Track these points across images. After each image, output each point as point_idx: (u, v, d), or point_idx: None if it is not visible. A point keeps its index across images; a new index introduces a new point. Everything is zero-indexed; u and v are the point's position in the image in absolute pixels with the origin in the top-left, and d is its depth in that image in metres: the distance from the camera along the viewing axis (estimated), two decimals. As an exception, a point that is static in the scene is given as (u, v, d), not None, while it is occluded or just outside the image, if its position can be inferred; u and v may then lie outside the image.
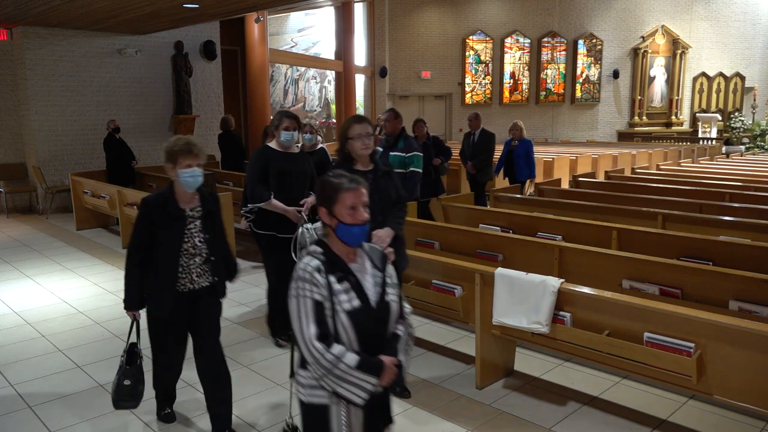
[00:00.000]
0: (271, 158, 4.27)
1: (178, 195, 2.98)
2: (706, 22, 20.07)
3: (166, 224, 2.95)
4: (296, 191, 4.29)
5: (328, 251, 2.02)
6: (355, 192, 2.00)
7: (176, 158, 2.90)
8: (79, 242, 8.23)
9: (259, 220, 4.29)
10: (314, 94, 17.77)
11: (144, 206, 2.99)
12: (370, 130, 3.34)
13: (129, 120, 11.01)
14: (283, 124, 4.23)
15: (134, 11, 8.73)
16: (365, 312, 1.97)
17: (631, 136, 19.27)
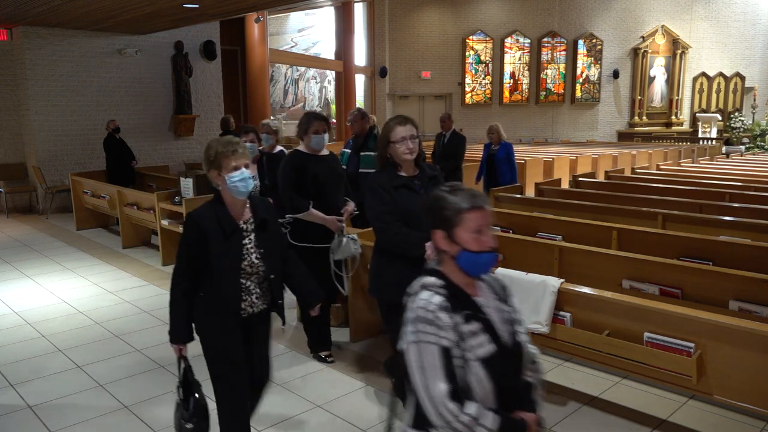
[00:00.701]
0: (303, 163, 3.95)
1: (229, 205, 2.57)
2: (706, 22, 20.08)
3: (221, 242, 2.52)
4: (332, 197, 4.02)
5: (450, 284, 1.67)
6: (482, 212, 1.68)
7: (220, 162, 2.52)
8: (79, 242, 8.23)
9: (296, 231, 3.99)
10: (314, 94, 17.77)
11: (193, 225, 2.55)
12: (414, 132, 3.06)
13: (129, 120, 11.01)
14: (313, 127, 3.95)
15: (134, 11, 8.73)
16: (501, 358, 1.63)
17: (631, 136, 19.27)
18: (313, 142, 3.98)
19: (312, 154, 4.00)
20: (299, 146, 4.05)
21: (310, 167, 3.92)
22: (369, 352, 4.38)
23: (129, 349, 4.52)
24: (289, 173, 3.96)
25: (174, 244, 6.81)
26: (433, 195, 1.75)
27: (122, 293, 5.89)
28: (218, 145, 2.57)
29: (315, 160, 3.97)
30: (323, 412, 3.52)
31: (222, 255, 2.52)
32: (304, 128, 3.98)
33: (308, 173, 3.91)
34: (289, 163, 4.01)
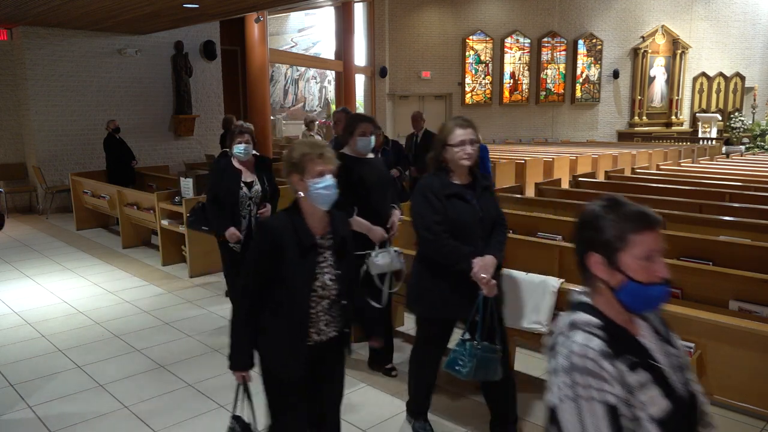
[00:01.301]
0: (349, 166, 3.60)
1: (307, 216, 2.28)
2: (706, 22, 20.08)
3: (296, 258, 2.24)
4: (378, 203, 3.73)
5: (609, 323, 1.37)
6: (654, 234, 1.34)
7: (304, 165, 2.23)
8: (79, 242, 8.23)
9: None
10: (314, 94, 17.78)
11: (267, 234, 2.26)
12: (474, 137, 2.81)
13: (129, 120, 11.01)
14: (359, 129, 3.71)
15: (134, 11, 8.73)
16: (677, 415, 1.37)
17: (631, 136, 19.27)
18: (359, 145, 3.71)
19: (358, 157, 3.74)
20: (345, 149, 3.78)
21: (356, 170, 3.64)
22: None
23: (129, 349, 4.52)
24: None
25: (174, 244, 6.82)
26: (587, 211, 1.41)
27: (122, 293, 5.89)
28: (304, 146, 2.29)
29: (361, 164, 3.71)
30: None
31: (295, 272, 2.24)
32: (349, 130, 3.75)
33: (354, 177, 3.60)
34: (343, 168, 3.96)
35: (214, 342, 4.62)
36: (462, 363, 2.80)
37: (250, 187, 4.40)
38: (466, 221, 2.80)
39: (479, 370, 2.81)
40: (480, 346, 2.80)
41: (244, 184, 4.38)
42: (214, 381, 3.96)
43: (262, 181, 4.48)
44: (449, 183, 2.84)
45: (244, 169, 4.42)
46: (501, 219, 2.98)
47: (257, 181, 4.45)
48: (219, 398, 3.71)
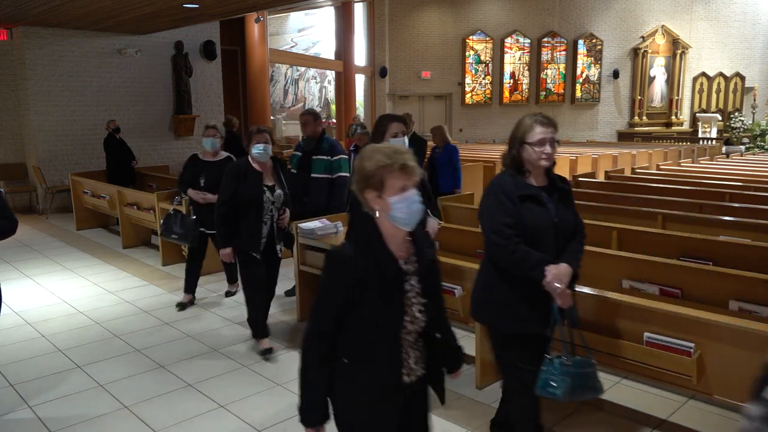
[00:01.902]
0: None
1: (389, 239, 1.90)
2: (706, 22, 20.08)
3: (379, 290, 1.86)
4: None
5: None
6: None
7: (383, 179, 1.84)
8: (79, 242, 8.23)
9: None
10: (314, 94, 17.78)
11: (342, 268, 1.88)
12: (555, 135, 2.58)
13: (129, 120, 11.01)
14: (391, 129, 3.45)
15: (134, 11, 8.73)
16: None
17: (631, 136, 19.27)
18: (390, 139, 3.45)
19: None
20: None
21: None
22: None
23: (129, 349, 4.52)
24: None
25: (174, 244, 6.81)
26: None
27: (122, 293, 5.89)
28: (380, 155, 1.86)
29: None
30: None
31: (380, 308, 1.87)
32: (380, 131, 3.46)
33: None
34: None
35: (214, 342, 4.63)
36: (555, 384, 2.51)
37: (273, 191, 4.19)
38: (540, 227, 2.55)
39: (577, 389, 2.54)
40: (570, 362, 2.54)
41: (266, 188, 4.15)
42: (214, 381, 3.96)
43: (282, 185, 4.28)
44: (524, 184, 2.59)
45: (264, 172, 4.20)
46: (580, 227, 2.71)
47: (278, 185, 4.25)
48: (219, 398, 3.71)
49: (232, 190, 4.09)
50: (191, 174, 5.22)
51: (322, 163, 5.18)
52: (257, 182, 4.12)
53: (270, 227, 4.19)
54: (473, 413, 3.46)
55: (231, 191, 4.10)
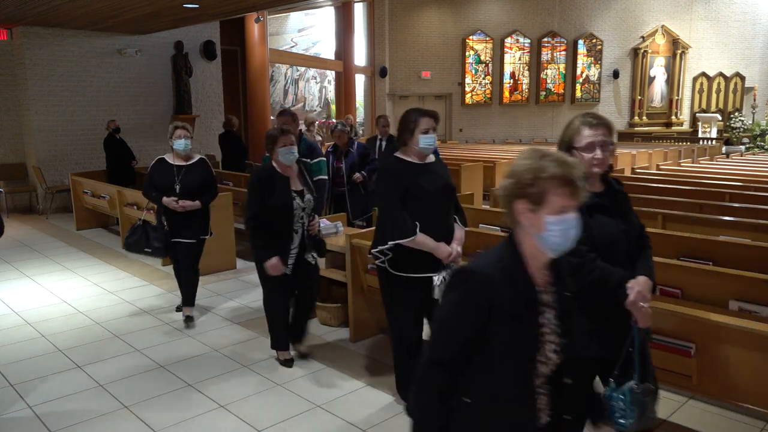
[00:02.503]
0: (407, 174, 3.14)
1: (529, 259, 1.64)
2: (706, 22, 20.08)
3: (513, 318, 1.60)
4: (440, 217, 3.21)
5: None
6: None
7: (544, 193, 1.57)
8: (79, 242, 8.23)
9: (397, 258, 3.19)
10: (314, 94, 17.77)
11: (474, 285, 1.60)
12: (607, 138, 2.34)
13: (129, 120, 11.02)
14: (422, 125, 3.14)
15: (134, 11, 8.73)
16: None
17: (632, 136, 19.26)
18: (422, 143, 3.14)
19: (418, 162, 3.19)
20: (399, 153, 3.24)
21: (415, 179, 3.12)
22: (369, 352, 4.38)
23: (129, 349, 4.52)
24: (393, 188, 3.14)
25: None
26: None
27: (122, 293, 5.89)
28: (551, 162, 1.58)
29: (420, 170, 3.16)
30: (323, 412, 3.52)
31: (512, 340, 1.60)
32: (410, 127, 3.15)
33: (414, 187, 3.10)
34: (391, 174, 3.19)
35: (214, 342, 4.63)
36: (624, 413, 2.22)
37: (302, 196, 3.89)
38: (610, 237, 2.30)
39: (642, 419, 2.30)
40: (640, 389, 2.23)
41: (295, 194, 3.86)
42: (214, 381, 3.96)
43: (310, 188, 4.00)
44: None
45: (290, 176, 3.91)
46: (644, 231, 2.48)
47: (306, 189, 3.95)
48: (219, 398, 3.71)
49: (259, 201, 3.78)
50: (163, 180, 4.75)
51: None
52: (285, 188, 3.83)
53: (301, 236, 3.91)
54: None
55: (259, 202, 3.78)
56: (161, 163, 4.83)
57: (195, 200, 4.74)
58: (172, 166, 4.78)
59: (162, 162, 4.83)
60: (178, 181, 4.71)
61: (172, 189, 4.70)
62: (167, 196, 4.69)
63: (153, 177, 4.79)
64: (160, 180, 4.74)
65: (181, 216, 4.73)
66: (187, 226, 4.78)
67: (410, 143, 3.17)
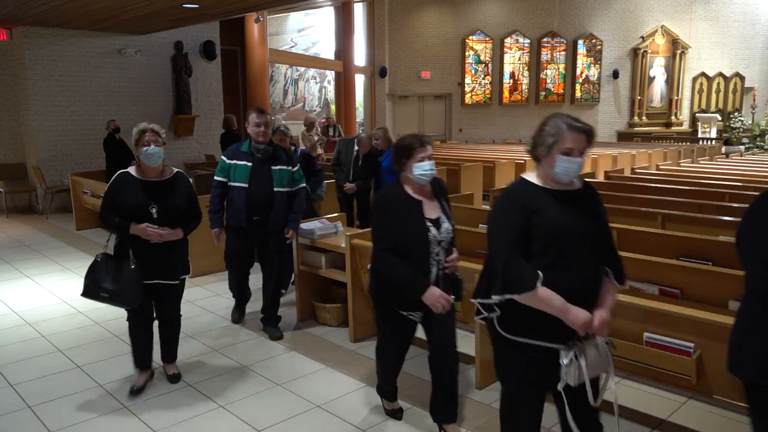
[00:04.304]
0: (535, 200, 2.26)
1: None
2: (705, 23, 20.08)
3: None
4: (582, 265, 2.25)
5: None
6: None
7: None
8: (79, 242, 8.23)
9: (509, 316, 2.29)
10: (314, 94, 17.77)
11: None
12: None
13: (129, 120, 11.00)
14: (566, 140, 2.23)
15: (134, 11, 8.73)
16: None
17: (631, 136, 19.27)
18: (560, 167, 2.24)
19: (552, 188, 2.30)
20: (526, 174, 2.42)
21: (545, 211, 2.23)
22: (369, 352, 4.38)
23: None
24: (510, 218, 2.26)
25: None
26: None
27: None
28: None
29: (555, 198, 2.27)
30: (323, 412, 3.53)
31: None
32: (547, 143, 2.26)
33: (540, 219, 2.22)
34: (510, 199, 2.31)
35: (214, 342, 4.63)
36: None
37: (438, 225, 2.94)
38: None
39: None
40: None
41: (430, 223, 2.93)
42: (214, 381, 3.96)
43: (447, 214, 3.05)
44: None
45: (423, 200, 2.98)
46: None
47: (444, 216, 3.02)
48: (219, 398, 3.72)
49: (392, 230, 2.92)
50: (131, 201, 3.56)
51: (286, 173, 4.50)
52: (417, 216, 2.92)
53: (435, 276, 2.95)
54: (473, 413, 3.46)
55: (392, 231, 2.92)
56: (126, 179, 3.63)
57: (176, 228, 3.66)
58: (143, 183, 3.62)
59: (127, 177, 3.64)
60: (155, 202, 3.59)
61: (145, 213, 3.56)
62: (138, 222, 3.54)
63: (115, 196, 3.59)
64: (127, 201, 3.56)
65: (155, 249, 3.60)
66: (164, 262, 3.67)
67: (544, 162, 2.30)
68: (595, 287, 2.30)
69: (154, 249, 3.60)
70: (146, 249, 3.59)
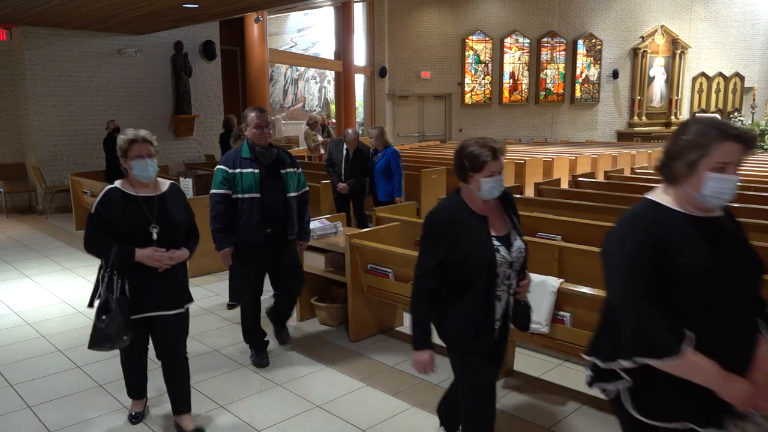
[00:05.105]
0: (670, 230, 1.75)
1: None
2: (705, 23, 20.09)
3: None
4: (733, 317, 1.75)
5: None
6: None
7: None
8: (79, 242, 8.22)
9: (643, 388, 1.78)
10: (314, 94, 17.78)
11: None
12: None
13: (128, 120, 11.01)
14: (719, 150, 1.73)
15: (134, 11, 8.73)
16: None
17: (631, 136, 19.28)
18: (710, 189, 1.74)
19: (693, 214, 1.79)
20: (653, 193, 1.89)
21: (687, 247, 1.72)
22: (368, 352, 4.38)
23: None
24: (636, 259, 1.74)
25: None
26: None
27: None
28: None
29: (698, 229, 1.76)
30: (323, 412, 3.53)
31: None
32: (690, 158, 1.74)
33: (678, 261, 1.70)
34: (635, 231, 1.79)
35: (214, 342, 4.63)
36: None
37: (509, 244, 2.48)
38: None
39: None
40: None
41: (498, 242, 2.44)
42: (214, 381, 3.96)
43: (519, 231, 2.56)
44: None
45: (489, 215, 2.48)
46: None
47: (515, 233, 2.53)
48: (219, 398, 3.72)
49: (439, 252, 2.41)
50: (127, 221, 2.99)
51: (294, 176, 4.11)
52: (483, 234, 2.42)
53: (505, 304, 2.52)
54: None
55: (438, 253, 2.41)
56: (117, 196, 3.03)
57: (180, 247, 3.12)
58: (138, 199, 3.03)
59: (117, 194, 3.04)
60: (156, 221, 3.03)
61: (145, 235, 2.99)
62: (139, 245, 2.96)
63: (104, 217, 2.98)
64: (123, 222, 2.98)
65: (155, 275, 3.02)
66: (166, 289, 3.11)
67: (692, 180, 1.75)
68: (748, 346, 1.76)
69: (151, 275, 3.01)
70: (143, 276, 3.00)
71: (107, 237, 2.97)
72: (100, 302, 2.99)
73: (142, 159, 2.99)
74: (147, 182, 3.08)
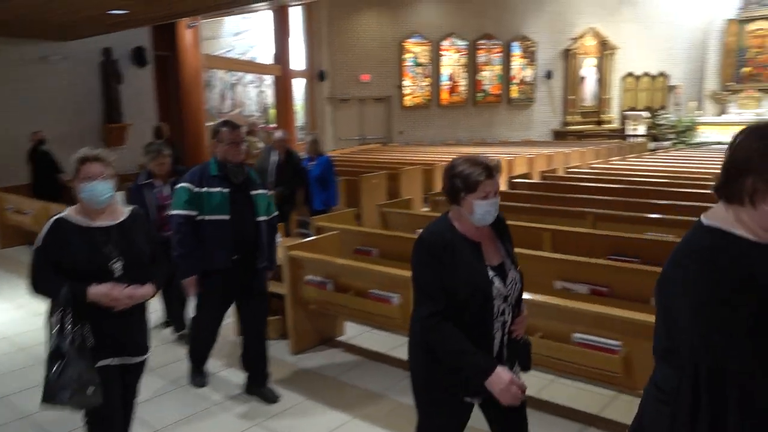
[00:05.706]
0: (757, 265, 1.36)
1: None
2: (632, 24, 20.92)
3: None
4: None
5: None
6: None
7: None
8: (6, 263, 7.82)
9: None
10: (252, 99, 17.51)
11: None
12: None
13: (56, 130, 10.52)
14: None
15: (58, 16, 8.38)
16: None
17: (565, 135, 19.93)
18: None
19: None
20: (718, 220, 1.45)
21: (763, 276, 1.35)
22: (309, 364, 4.35)
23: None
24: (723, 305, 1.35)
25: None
26: None
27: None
28: None
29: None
30: (261, 430, 3.47)
31: None
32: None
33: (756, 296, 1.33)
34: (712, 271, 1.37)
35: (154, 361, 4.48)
36: None
37: (503, 274, 2.22)
38: None
39: None
40: None
41: (493, 272, 2.19)
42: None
43: (513, 260, 2.31)
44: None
45: (482, 242, 2.24)
46: None
47: (509, 261, 2.29)
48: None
49: (438, 282, 2.12)
50: (79, 256, 2.51)
51: (264, 200, 3.78)
52: (477, 263, 2.17)
53: (500, 341, 2.24)
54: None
55: (437, 283, 2.12)
56: (66, 229, 2.58)
57: (144, 283, 2.60)
58: (91, 231, 2.57)
59: (66, 226, 2.59)
60: (116, 253, 2.56)
61: (104, 272, 2.52)
62: (94, 282, 2.48)
63: (51, 253, 2.54)
64: (77, 259, 2.51)
65: (118, 316, 2.54)
66: (131, 332, 2.66)
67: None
68: None
69: (113, 317, 2.52)
70: (104, 318, 2.50)
71: (54, 276, 2.48)
72: (51, 349, 2.41)
73: (91, 181, 2.53)
74: (100, 208, 2.59)
